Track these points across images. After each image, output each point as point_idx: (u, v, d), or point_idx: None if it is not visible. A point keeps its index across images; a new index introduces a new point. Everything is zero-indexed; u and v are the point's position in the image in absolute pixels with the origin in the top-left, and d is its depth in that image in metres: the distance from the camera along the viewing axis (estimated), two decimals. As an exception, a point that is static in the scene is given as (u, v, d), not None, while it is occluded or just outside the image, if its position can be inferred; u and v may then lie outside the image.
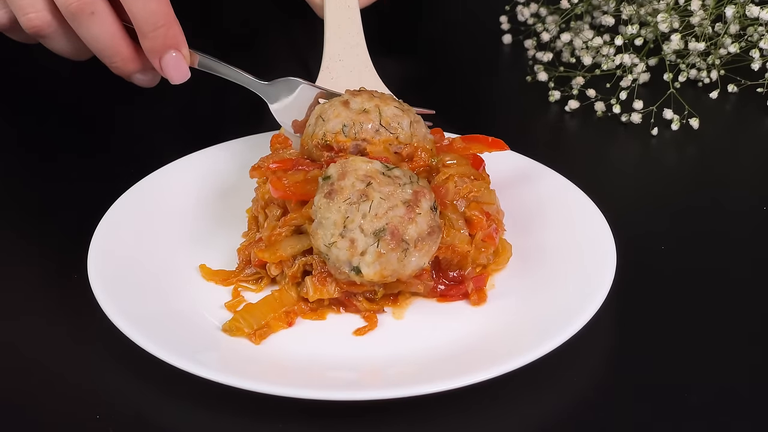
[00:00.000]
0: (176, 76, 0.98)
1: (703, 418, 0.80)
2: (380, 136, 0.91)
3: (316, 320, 0.87)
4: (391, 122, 0.92)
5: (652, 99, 1.17)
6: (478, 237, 0.89)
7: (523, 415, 0.81)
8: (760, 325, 0.89)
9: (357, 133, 0.91)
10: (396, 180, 0.86)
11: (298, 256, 0.88)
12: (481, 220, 0.89)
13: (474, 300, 0.88)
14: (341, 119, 0.91)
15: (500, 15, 1.34)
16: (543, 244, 0.93)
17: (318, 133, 0.92)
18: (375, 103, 0.92)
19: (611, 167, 1.12)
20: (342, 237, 0.84)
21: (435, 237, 0.86)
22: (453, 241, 0.88)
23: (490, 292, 0.89)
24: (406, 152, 0.91)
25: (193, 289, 0.89)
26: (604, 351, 0.87)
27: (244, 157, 1.02)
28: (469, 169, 0.93)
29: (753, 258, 0.97)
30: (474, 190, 0.91)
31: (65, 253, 0.93)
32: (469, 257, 0.89)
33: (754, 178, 1.10)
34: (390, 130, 0.91)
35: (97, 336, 0.86)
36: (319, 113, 0.93)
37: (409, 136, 0.92)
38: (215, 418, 0.80)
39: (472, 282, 0.88)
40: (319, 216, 0.85)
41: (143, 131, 1.15)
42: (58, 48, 1.00)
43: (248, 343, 0.84)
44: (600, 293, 0.85)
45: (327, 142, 0.91)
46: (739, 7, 1.17)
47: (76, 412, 0.81)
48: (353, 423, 0.79)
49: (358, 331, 0.86)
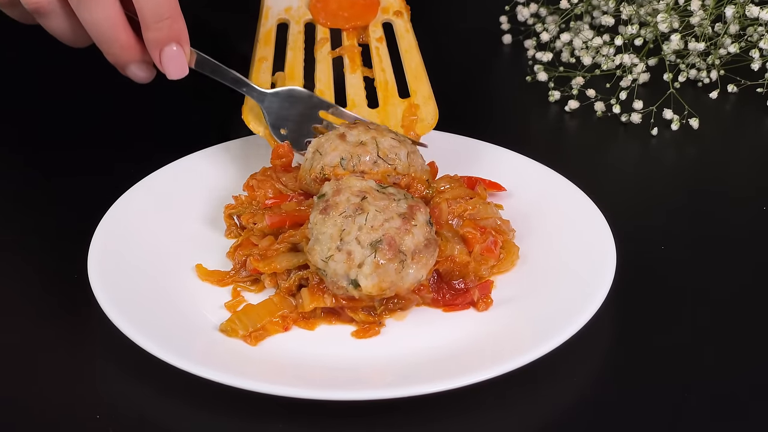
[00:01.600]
0: (175, 71, 0.96)
1: (703, 418, 0.80)
2: (378, 167, 0.92)
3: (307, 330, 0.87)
4: (389, 153, 0.92)
5: (652, 99, 1.17)
6: (477, 251, 0.89)
7: (523, 415, 0.81)
8: (760, 325, 0.89)
9: (355, 165, 0.91)
10: (391, 196, 0.86)
11: (294, 270, 0.88)
12: (476, 235, 0.90)
13: (481, 307, 0.88)
14: (339, 152, 0.92)
15: (500, 15, 1.34)
16: (543, 244, 0.93)
17: (316, 167, 0.92)
18: (371, 135, 0.93)
19: (611, 167, 1.12)
20: (339, 250, 0.84)
21: (432, 250, 0.86)
22: (452, 252, 0.88)
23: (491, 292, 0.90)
24: (404, 183, 0.92)
25: (194, 288, 0.89)
26: (603, 351, 0.87)
27: (245, 157, 1.03)
28: (464, 190, 0.94)
29: (753, 258, 0.97)
30: (469, 209, 0.92)
31: (65, 253, 0.93)
32: (470, 267, 0.89)
33: (754, 178, 1.10)
34: (388, 161, 0.92)
35: (97, 336, 0.86)
36: (316, 147, 0.94)
37: (406, 167, 0.93)
38: (216, 418, 0.80)
39: (477, 290, 0.88)
40: (315, 232, 0.85)
41: (143, 131, 1.15)
42: (57, 30, 0.98)
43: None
44: (600, 293, 0.85)
45: (325, 176, 0.91)
46: (739, 7, 1.17)
47: (76, 412, 0.81)
48: (353, 423, 0.79)
49: (356, 333, 0.86)
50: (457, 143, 1.05)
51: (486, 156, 1.03)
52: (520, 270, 0.91)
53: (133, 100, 1.17)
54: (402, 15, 1.12)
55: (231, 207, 0.96)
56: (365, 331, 0.85)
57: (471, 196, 0.94)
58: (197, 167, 1.02)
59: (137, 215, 0.95)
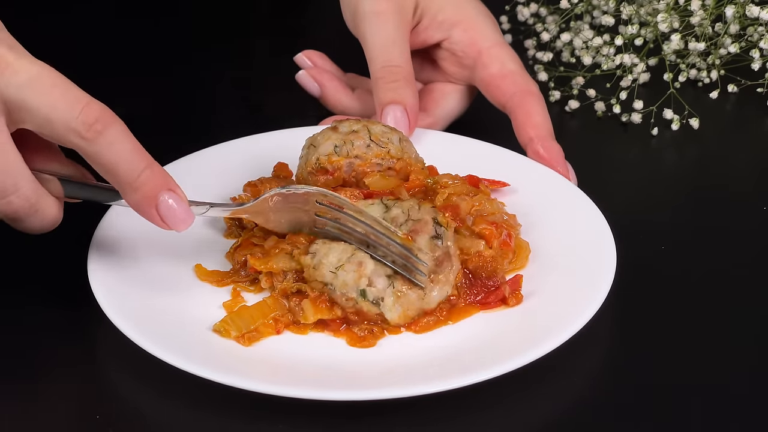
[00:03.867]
0: (182, 223, 0.83)
1: (703, 418, 0.80)
2: (371, 150, 0.93)
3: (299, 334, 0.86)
4: (381, 138, 0.94)
5: (652, 99, 1.17)
6: (495, 246, 0.89)
7: (522, 415, 0.81)
8: (760, 325, 0.89)
9: (349, 151, 0.93)
10: (393, 223, 0.86)
11: (291, 273, 0.87)
12: (492, 230, 0.90)
13: (512, 303, 0.87)
14: (332, 141, 0.94)
15: (500, 15, 1.34)
16: (542, 244, 0.93)
17: (311, 159, 0.93)
18: (363, 124, 0.95)
19: (611, 167, 1.12)
20: (349, 261, 0.84)
21: (448, 263, 0.86)
22: (477, 248, 0.88)
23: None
24: (398, 167, 0.93)
25: (194, 288, 0.89)
26: (603, 351, 0.87)
27: (245, 157, 1.03)
28: (467, 186, 0.94)
29: (753, 258, 0.97)
30: (475, 205, 0.92)
31: (64, 253, 0.93)
32: (498, 262, 0.89)
33: (754, 178, 1.10)
34: (380, 144, 0.93)
35: (97, 336, 0.86)
36: (311, 142, 0.95)
37: (399, 150, 0.94)
38: (216, 418, 0.80)
39: (507, 285, 0.88)
40: (319, 256, 0.85)
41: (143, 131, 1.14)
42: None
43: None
44: (600, 293, 0.85)
45: (321, 166, 0.93)
46: (739, 7, 1.17)
47: (76, 412, 0.80)
48: (353, 423, 0.79)
49: (351, 343, 0.85)
50: (457, 143, 1.05)
51: (486, 156, 1.03)
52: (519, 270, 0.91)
53: (132, 100, 1.17)
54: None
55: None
56: (360, 340, 0.85)
57: (475, 192, 0.94)
58: (196, 167, 1.02)
59: (137, 215, 0.95)
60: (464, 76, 1.09)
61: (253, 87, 1.24)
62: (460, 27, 1.08)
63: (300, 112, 1.13)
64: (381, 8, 1.06)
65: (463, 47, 1.08)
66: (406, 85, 1.03)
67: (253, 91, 1.23)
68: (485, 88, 1.07)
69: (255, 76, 1.26)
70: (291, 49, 1.15)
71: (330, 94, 1.10)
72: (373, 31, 1.05)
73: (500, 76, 1.05)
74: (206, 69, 1.25)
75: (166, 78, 1.22)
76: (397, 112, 1.01)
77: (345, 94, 1.10)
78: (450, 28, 1.08)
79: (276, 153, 1.01)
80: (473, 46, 1.07)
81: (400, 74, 1.04)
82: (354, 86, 1.12)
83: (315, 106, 1.13)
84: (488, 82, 1.06)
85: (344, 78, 1.13)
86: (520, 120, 1.03)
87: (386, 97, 1.02)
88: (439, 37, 1.09)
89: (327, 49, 1.14)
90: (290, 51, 1.15)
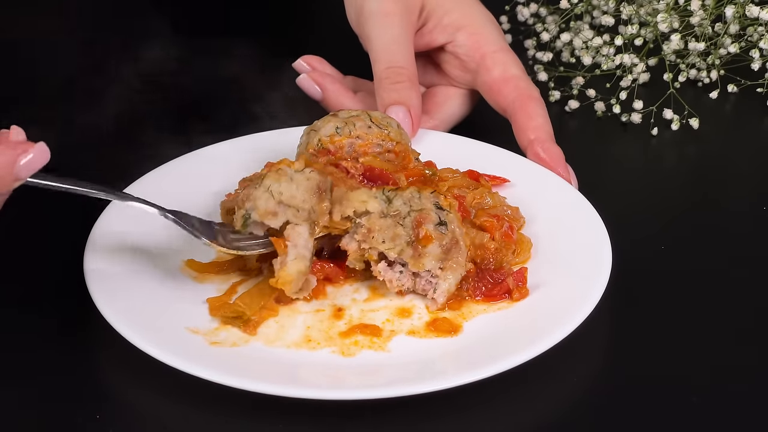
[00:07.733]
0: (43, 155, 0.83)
1: (702, 417, 0.80)
2: (372, 131, 0.94)
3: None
4: (381, 121, 0.96)
5: (652, 99, 1.17)
6: (498, 238, 0.89)
7: (520, 414, 0.81)
8: (759, 325, 0.89)
9: (351, 131, 0.94)
10: (395, 216, 0.87)
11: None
12: (493, 222, 0.90)
13: (516, 296, 0.87)
14: (333, 123, 0.95)
15: (500, 15, 1.34)
16: (540, 244, 0.93)
17: (313, 141, 0.94)
18: (362, 111, 0.97)
19: (611, 167, 1.12)
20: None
21: (455, 250, 0.86)
22: (481, 240, 0.88)
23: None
24: (398, 149, 0.94)
25: (194, 288, 0.89)
26: (602, 351, 0.87)
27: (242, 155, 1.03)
28: (467, 180, 0.94)
29: (752, 258, 0.97)
30: (477, 198, 0.92)
31: (63, 253, 0.93)
32: (501, 253, 0.89)
33: (753, 178, 1.10)
34: (381, 127, 0.95)
35: (97, 336, 0.86)
36: (310, 128, 0.96)
37: (398, 134, 0.96)
38: (215, 418, 0.80)
39: (512, 278, 0.88)
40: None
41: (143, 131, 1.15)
42: None
43: (248, 343, 0.84)
44: (595, 293, 0.85)
45: (323, 146, 0.93)
46: (739, 7, 1.17)
47: (75, 412, 0.81)
48: (353, 423, 0.79)
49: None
50: (456, 143, 1.05)
51: (485, 156, 1.03)
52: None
53: (130, 99, 1.17)
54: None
55: (227, 201, 0.95)
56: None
57: (475, 186, 0.94)
58: (195, 166, 1.02)
59: (136, 214, 0.94)
60: (467, 79, 1.09)
61: (251, 88, 1.24)
62: (466, 31, 1.08)
63: (299, 114, 1.13)
64: (387, 9, 1.06)
65: (467, 51, 1.08)
66: (410, 86, 1.03)
67: (253, 92, 1.23)
68: (487, 92, 1.07)
69: (254, 77, 1.26)
70: (291, 52, 1.15)
71: (332, 97, 1.10)
72: (378, 32, 1.05)
73: (502, 80, 1.05)
74: (207, 69, 1.25)
75: (165, 78, 1.22)
76: (399, 113, 1.01)
77: (347, 96, 1.10)
78: (455, 32, 1.08)
79: (276, 152, 1.01)
80: (477, 50, 1.07)
81: (405, 75, 1.04)
82: (355, 89, 1.12)
83: (316, 109, 1.13)
84: (490, 86, 1.06)
85: (345, 81, 1.13)
86: (520, 123, 1.03)
87: (389, 98, 1.03)
88: (444, 39, 1.09)
89: (325, 54, 1.14)
90: (290, 54, 1.15)
